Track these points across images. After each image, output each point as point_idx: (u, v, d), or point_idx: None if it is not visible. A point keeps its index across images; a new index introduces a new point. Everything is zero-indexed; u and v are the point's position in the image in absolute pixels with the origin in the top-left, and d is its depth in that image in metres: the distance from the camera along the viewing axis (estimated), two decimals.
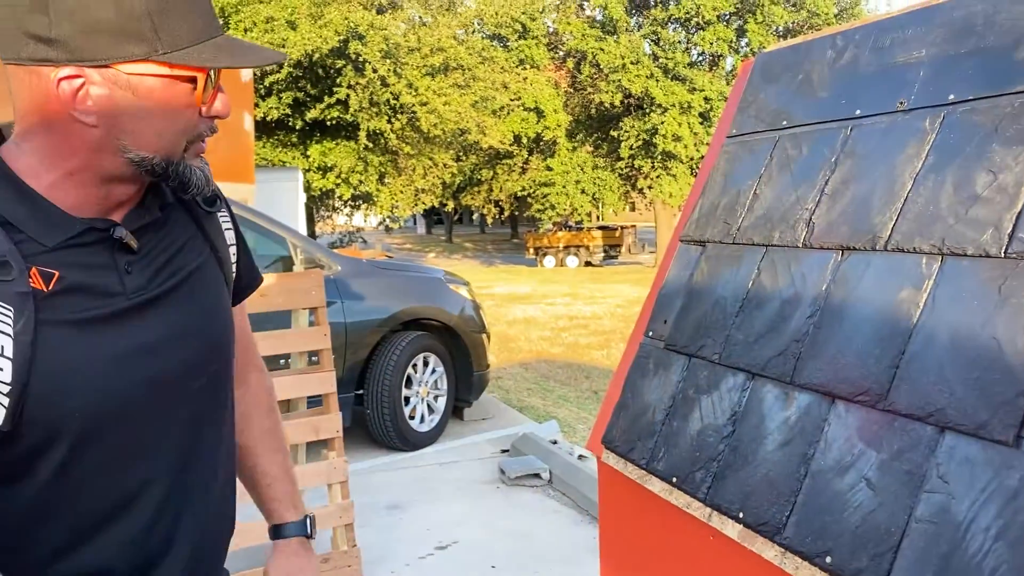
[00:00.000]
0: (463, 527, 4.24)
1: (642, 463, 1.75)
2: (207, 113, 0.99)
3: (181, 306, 1.06)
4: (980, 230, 1.22)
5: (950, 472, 1.12)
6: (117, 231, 0.98)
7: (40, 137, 0.93)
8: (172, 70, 0.92)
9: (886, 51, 1.57)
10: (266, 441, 1.37)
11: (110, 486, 1.00)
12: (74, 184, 0.95)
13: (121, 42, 0.88)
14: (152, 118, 0.93)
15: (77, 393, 0.94)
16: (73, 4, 0.86)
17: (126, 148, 0.93)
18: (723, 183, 1.89)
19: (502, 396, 7.43)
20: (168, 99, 0.94)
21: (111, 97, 0.91)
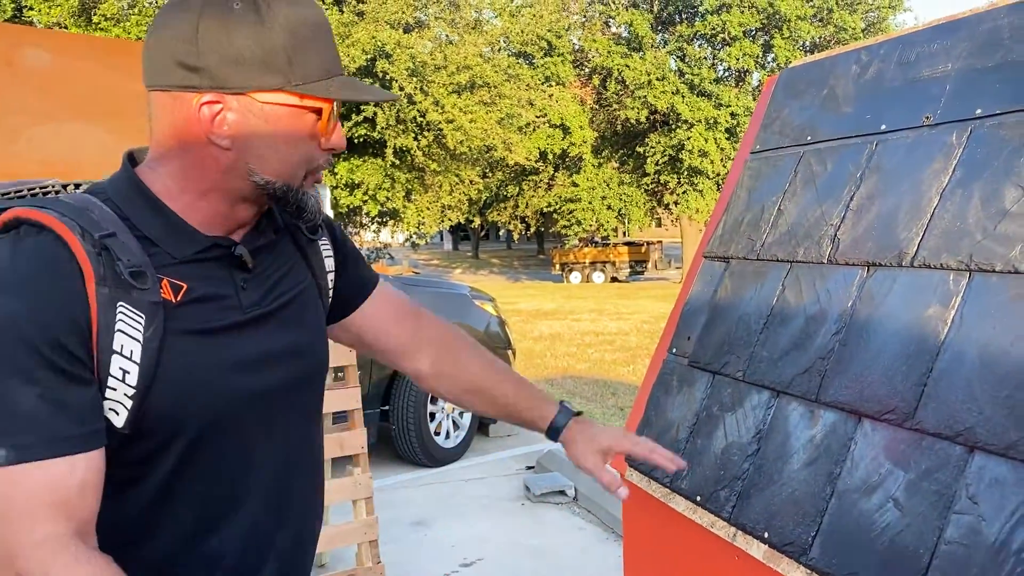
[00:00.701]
0: (488, 544, 4.22)
1: (666, 481, 1.73)
2: (326, 145, 1.06)
3: (290, 324, 1.12)
4: (1009, 246, 1.20)
5: (980, 493, 1.10)
6: (238, 249, 1.06)
7: (177, 160, 1.01)
8: (302, 100, 1.00)
9: (911, 65, 1.56)
10: (484, 368, 1.41)
11: (221, 487, 1.06)
12: (205, 203, 1.03)
13: (259, 73, 0.97)
14: (279, 144, 1.01)
15: (195, 399, 1.00)
16: (219, 37, 0.95)
17: (253, 171, 1.01)
18: (747, 199, 1.88)
19: None
20: (295, 127, 1.01)
21: (245, 123, 0.98)
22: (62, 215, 0.94)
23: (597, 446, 1.34)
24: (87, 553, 0.89)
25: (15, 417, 0.88)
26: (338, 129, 1.06)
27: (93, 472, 0.92)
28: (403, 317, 1.37)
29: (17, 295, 0.90)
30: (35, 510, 0.88)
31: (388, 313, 1.36)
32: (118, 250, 0.94)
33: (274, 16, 0.97)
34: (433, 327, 1.40)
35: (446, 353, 1.39)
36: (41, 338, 0.89)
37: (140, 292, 0.94)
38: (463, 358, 1.40)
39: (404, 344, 1.37)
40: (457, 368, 1.39)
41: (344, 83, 1.03)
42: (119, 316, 0.93)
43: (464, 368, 1.40)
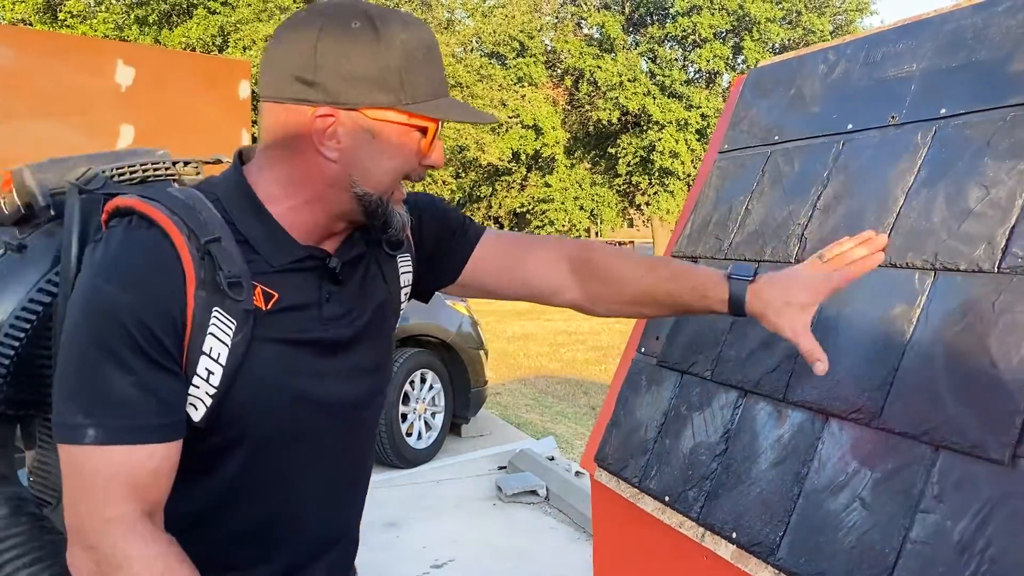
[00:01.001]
0: (459, 545, 4.19)
1: (634, 481, 1.72)
2: (425, 162, 1.08)
3: (364, 340, 1.14)
4: (973, 245, 1.20)
5: (945, 492, 1.10)
6: (332, 261, 1.09)
7: (284, 168, 1.04)
8: (410, 119, 1.03)
9: (878, 65, 1.56)
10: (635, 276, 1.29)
11: (284, 490, 1.10)
12: (307, 212, 1.06)
13: (373, 90, 1.00)
14: (383, 159, 1.03)
15: (270, 404, 1.04)
16: (337, 54, 0.98)
17: (355, 183, 1.03)
18: (715, 198, 1.87)
19: (500, 412, 7.40)
20: (401, 144, 1.04)
21: (354, 136, 1.01)
22: (172, 213, 0.98)
23: (792, 310, 1.14)
24: (154, 532, 0.94)
25: (108, 400, 0.93)
26: (438, 146, 1.09)
27: (169, 460, 0.97)
28: (531, 262, 1.32)
29: (124, 285, 0.94)
30: (112, 490, 0.92)
31: (504, 263, 1.32)
32: (221, 258, 0.98)
33: (390, 37, 1.00)
34: (568, 256, 1.32)
35: (588, 275, 1.30)
36: (140, 329, 0.93)
37: (235, 302, 0.98)
38: (608, 273, 1.30)
39: (545, 287, 1.32)
40: (608, 287, 1.30)
41: (451, 104, 1.06)
42: (213, 320, 0.97)
43: (614, 283, 1.29)
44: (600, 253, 1.32)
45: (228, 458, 1.04)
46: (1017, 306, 1.10)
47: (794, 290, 1.15)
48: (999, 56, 1.30)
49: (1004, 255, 1.15)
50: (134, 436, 0.93)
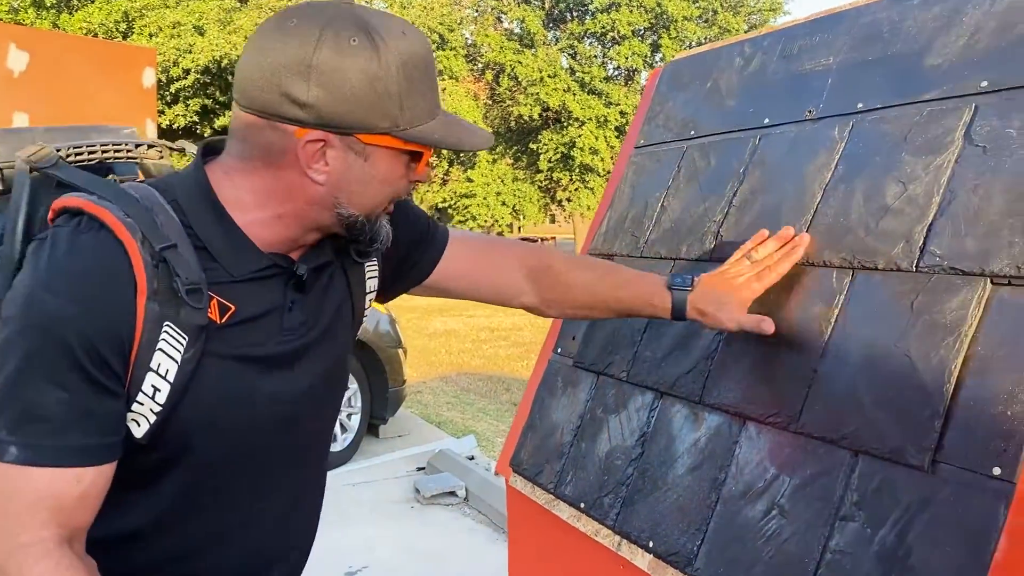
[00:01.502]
0: (375, 551, 4.08)
1: (550, 487, 1.66)
2: (412, 178, 1.05)
3: (321, 352, 1.10)
4: (891, 243, 1.17)
5: (865, 499, 1.06)
6: (300, 268, 1.04)
7: (261, 180, 0.98)
8: (405, 145, 0.98)
9: (794, 59, 1.53)
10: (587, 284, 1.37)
11: (234, 507, 1.06)
12: (279, 225, 1.00)
13: (369, 116, 0.94)
14: (374, 183, 0.99)
15: (217, 423, 0.99)
16: (333, 74, 0.91)
17: (340, 205, 0.99)
18: (631, 195, 1.82)
19: (420, 411, 7.28)
20: (392, 169, 1.00)
21: (345, 161, 0.96)
22: (126, 215, 0.91)
23: (727, 309, 1.28)
24: (69, 559, 0.88)
25: (38, 417, 0.87)
26: (426, 165, 1.06)
27: (98, 484, 0.91)
28: (493, 266, 1.36)
29: (69, 298, 0.88)
30: (30, 513, 0.87)
31: (466, 267, 1.34)
32: (177, 265, 0.92)
33: (389, 56, 0.93)
34: (525, 261, 1.37)
35: (544, 281, 1.37)
36: (84, 347, 0.87)
37: (190, 311, 0.93)
38: (563, 280, 1.37)
39: (503, 290, 1.37)
40: (562, 292, 1.37)
41: (447, 125, 1.01)
42: (163, 335, 0.91)
43: (568, 289, 1.37)
44: (557, 261, 1.38)
45: (170, 475, 1.00)
46: (935, 306, 1.07)
47: (726, 297, 1.28)
48: (915, 50, 1.28)
49: (922, 253, 1.12)
50: (61, 458, 0.88)
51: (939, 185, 1.14)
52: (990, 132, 1.11)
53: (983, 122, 1.12)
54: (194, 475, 1.01)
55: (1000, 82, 1.12)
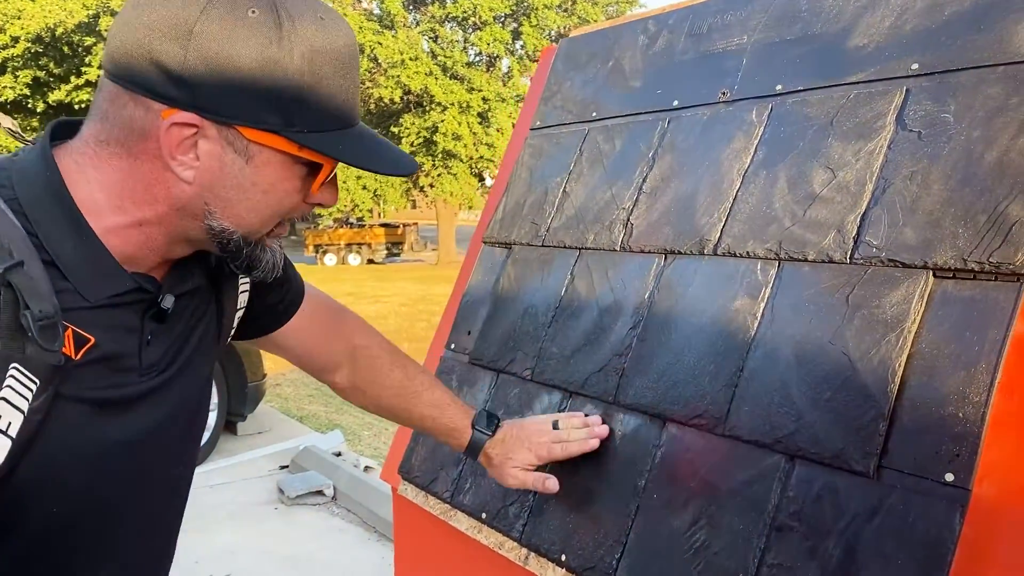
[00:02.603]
0: (237, 556, 3.81)
1: (445, 496, 1.52)
2: (312, 199, 0.87)
3: (181, 389, 0.93)
4: (821, 233, 1.11)
5: (805, 508, 0.99)
6: (165, 300, 0.87)
7: (117, 172, 0.80)
8: (300, 152, 0.81)
9: (704, 37, 1.45)
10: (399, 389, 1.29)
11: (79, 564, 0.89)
12: (140, 234, 0.83)
13: (258, 106, 0.77)
14: (255, 192, 0.82)
15: (65, 481, 0.81)
16: (219, 46, 0.74)
17: (211, 214, 0.82)
18: (528, 179, 1.70)
19: (281, 405, 6.95)
20: (281, 179, 0.83)
21: (220, 157, 0.79)
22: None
23: (512, 465, 1.28)
24: None
25: None
26: (333, 185, 0.88)
27: None
28: (327, 335, 1.24)
29: None
30: None
31: (312, 333, 1.21)
32: (26, 292, 0.71)
33: (295, 38, 0.77)
34: (353, 339, 1.27)
35: (364, 364, 1.27)
36: None
37: (46, 353, 0.72)
38: (380, 373, 1.28)
39: (324, 362, 1.26)
40: (371, 384, 1.28)
41: (355, 139, 0.84)
42: (8, 379, 0.71)
43: (379, 384, 1.29)
44: (384, 352, 1.29)
45: (11, 532, 0.81)
46: (873, 300, 1.01)
47: (518, 451, 1.27)
48: (837, 30, 1.22)
49: (856, 244, 1.06)
50: None
51: (871, 172, 1.08)
52: (925, 116, 1.05)
53: (916, 106, 1.07)
54: (31, 545, 0.82)
55: (933, 65, 1.07)
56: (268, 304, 1.13)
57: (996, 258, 0.92)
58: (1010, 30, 1.02)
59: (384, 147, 0.88)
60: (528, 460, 1.27)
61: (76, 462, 0.82)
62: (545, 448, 1.27)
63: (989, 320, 0.91)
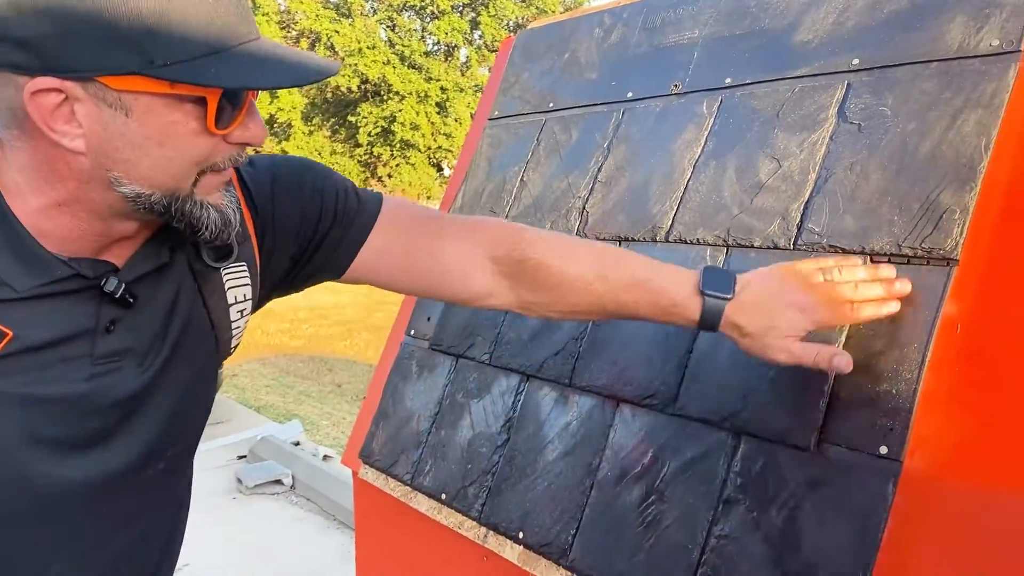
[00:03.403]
0: (195, 548, 3.78)
1: (406, 479, 1.55)
2: (236, 139, 0.79)
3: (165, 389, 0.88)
4: (767, 220, 1.16)
5: (750, 482, 1.04)
6: (109, 283, 0.80)
7: (27, 157, 0.75)
8: (173, 88, 0.72)
9: (657, 31, 1.49)
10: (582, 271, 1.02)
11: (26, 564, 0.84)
12: (65, 215, 0.77)
13: (107, 49, 0.69)
14: (149, 146, 0.74)
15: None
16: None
17: (118, 180, 0.75)
18: (487, 168, 1.74)
19: (237, 396, 6.90)
20: (172, 124, 0.74)
21: (99, 118, 0.72)
22: None
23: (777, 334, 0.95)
24: None
25: None
26: (249, 118, 0.78)
27: None
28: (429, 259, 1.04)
29: None
30: None
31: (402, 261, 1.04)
32: None
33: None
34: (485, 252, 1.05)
35: (522, 280, 1.04)
36: None
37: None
38: (548, 280, 1.03)
39: (452, 289, 1.07)
40: (547, 295, 1.04)
41: (240, 59, 0.73)
42: None
43: (555, 291, 1.04)
44: (538, 251, 1.04)
45: None
46: None
47: (785, 312, 0.95)
48: (784, 25, 1.27)
49: (800, 231, 1.11)
50: None
51: (815, 162, 1.13)
52: (864, 109, 1.11)
53: (856, 99, 1.12)
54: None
55: (872, 60, 1.13)
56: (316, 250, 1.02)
57: (928, 244, 0.98)
58: (943, 28, 1.08)
59: (281, 60, 0.77)
60: (801, 326, 0.95)
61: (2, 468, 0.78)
62: (827, 310, 0.94)
63: (921, 302, 0.97)
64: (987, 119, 0.99)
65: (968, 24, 1.05)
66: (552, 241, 1.07)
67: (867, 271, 0.97)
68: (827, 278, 0.96)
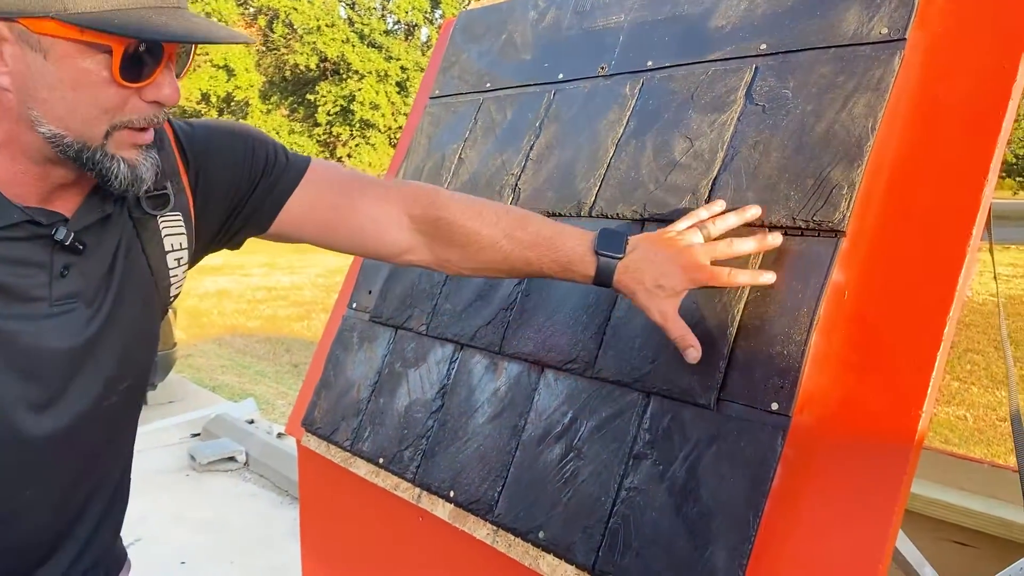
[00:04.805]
0: (147, 522, 3.82)
1: (346, 445, 1.62)
2: (149, 97, 0.85)
3: (103, 320, 0.94)
4: (679, 196, 1.23)
5: (657, 438, 1.12)
6: (59, 232, 0.87)
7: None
8: (82, 35, 0.79)
9: (587, 15, 1.56)
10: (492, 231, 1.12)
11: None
12: (6, 159, 0.84)
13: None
14: (63, 89, 0.81)
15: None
16: None
17: (39, 120, 0.82)
18: (427, 146, 1.79)
19: (192, 375, 6.89)
20: (83, 72, 0.81)
21: (23, 58, 0.79)
22: None
23: (663, 293, 1.04)
24: None
25: None
26: (163, 77, 0.84)
27: None
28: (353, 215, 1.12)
29: None
30: None
31: (327, 216, 1.11)
32: None
33: None
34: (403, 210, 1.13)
35: (437, 237, 1.14)
36: None
37: None
38: (461, 237, 1.12)
39: (374, 245, 1.14)
40: (461, 251, 1.14)
41: (147, 16, 0.80)
42: None
43: (468, 247, 1.13)
44: (451, 212, 1.13)
45: None
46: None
47: (669, 271, 1.04)
48: (701, 12, 1.34)
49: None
50: None
51: (723, 142, 1.21)
52: (769, 92, 1.19)
53: (762, 82, 1.20)
54: None
55: (777, 45, 1.21)
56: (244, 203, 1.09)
57: (819, 217, 1.06)
58: (841, 16, 1.16)
59: (189, 23, 0.83)
60: (681, 285, 1.04)
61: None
62: (706, 271, 1.04)
63: (811, 271, 1.05)
64: (875, 101, 1.07)
65: (862, 13, 1.13)
66: (464, 202, 1.16)
67: (736, 216, 1.09)
68: (704, 235, 1.08)
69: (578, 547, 1.15)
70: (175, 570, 3.44)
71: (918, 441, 0.93)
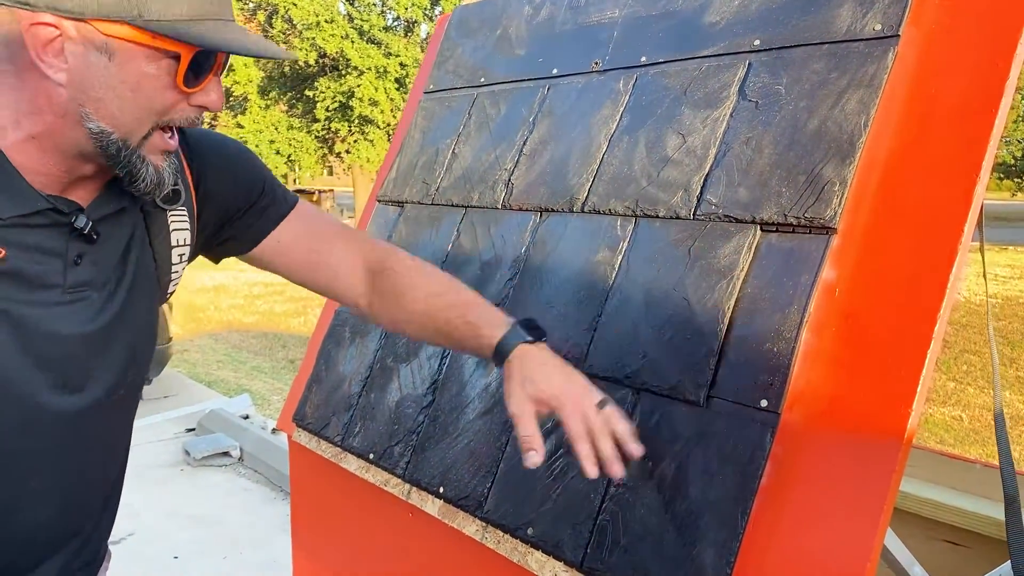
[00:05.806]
0: (140, 517, 3.82)
1: (336, 440, 1.61)
2: (196, 101, 0.89)
3: (115, 311, 0.96)
4: (671, 192, 1.23)
5: (646, 434, 1.11)
6: (79, 220, 0.90)
7: (11, 91, 0.84)
8: (154, 41, 0.83)
9: (582, 10, 1.55)
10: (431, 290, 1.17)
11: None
12: (37, 149, 0.86)
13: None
14: (123, 89, 0.84)
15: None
16: None
17: (88, 116, 0.84)
18: (421, 141, 1.79)
19: (188, 370, 6.87)
20: (145, 76, 0.84)
21: (85, 57, 0.82)
22: None
23: (526, 391, 1.04)
24: None
25: None
26: (212, 84, 0.90)
27: None
28: (325, 255, 1.19)
29: None
30: None
31: (302, 253, 1.18)
32: None
33: None
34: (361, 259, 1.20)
35: (380, 286, 1.19)
36: None
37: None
38: (398, 287, 1.17)
39: (334, 286, 1.21)
40: (393, 300, 1.18)
41: (216, 28, 0.85)
42: None
43: (400, 297, 1.17)
44: (400, 265, 1.19)
45: None
46: (710, 252, 1.14)
47: (541, 379, 1.04)
48: (695, 7, 1.34)
49: (699, 202, 1.18)
50: None
51: (715, 137, 1.20)
52: (762, 88, 1.18)
53: (755, 79, 1.20)
54: None
55: (771, 41, 1.20)
56: (235, 223, 1.14)
57: (810, 213, 1.06)
58: (834, 12, 1.15)
59: (248, 38, 0.89)
60: (550, 392, 1.03)
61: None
62: (579, 412, 1.03)
63: (802, 268, 1.05)
64: (868, 98, 1.07)
65: (856, 9, 1.13)
66: (417, 263, 1.21)
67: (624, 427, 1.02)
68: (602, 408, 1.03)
69: (566, 544, 1.14)
70: (168, 564, 3.43)
71: (907, 439, 0.93)
